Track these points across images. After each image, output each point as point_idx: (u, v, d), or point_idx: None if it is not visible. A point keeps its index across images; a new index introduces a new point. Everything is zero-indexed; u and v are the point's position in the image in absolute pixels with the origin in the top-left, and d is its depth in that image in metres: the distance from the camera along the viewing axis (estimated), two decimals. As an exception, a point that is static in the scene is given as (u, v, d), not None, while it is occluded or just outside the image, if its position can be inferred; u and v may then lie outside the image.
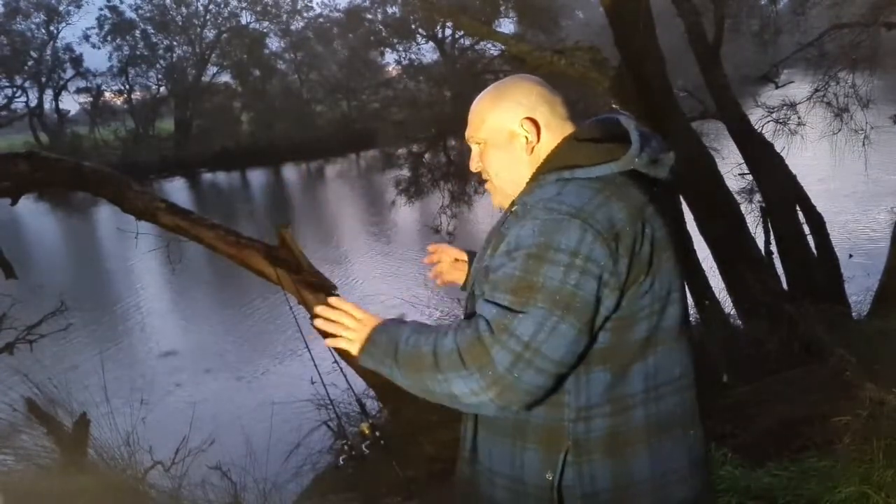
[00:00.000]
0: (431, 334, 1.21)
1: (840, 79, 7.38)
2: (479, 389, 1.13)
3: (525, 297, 1.13)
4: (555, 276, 1.12)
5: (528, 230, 1.17)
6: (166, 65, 29.87)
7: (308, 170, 27.60)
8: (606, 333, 1.17)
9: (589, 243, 1.13)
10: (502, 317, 1.14)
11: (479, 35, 7.80)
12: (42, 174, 4.26)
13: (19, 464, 3.66)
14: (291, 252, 4.20)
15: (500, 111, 1.33)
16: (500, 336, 1.13)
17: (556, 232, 1.14)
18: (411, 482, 3.30)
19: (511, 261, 1.17)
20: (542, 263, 1.13)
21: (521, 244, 1.17)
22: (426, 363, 1.18)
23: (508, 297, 1.15)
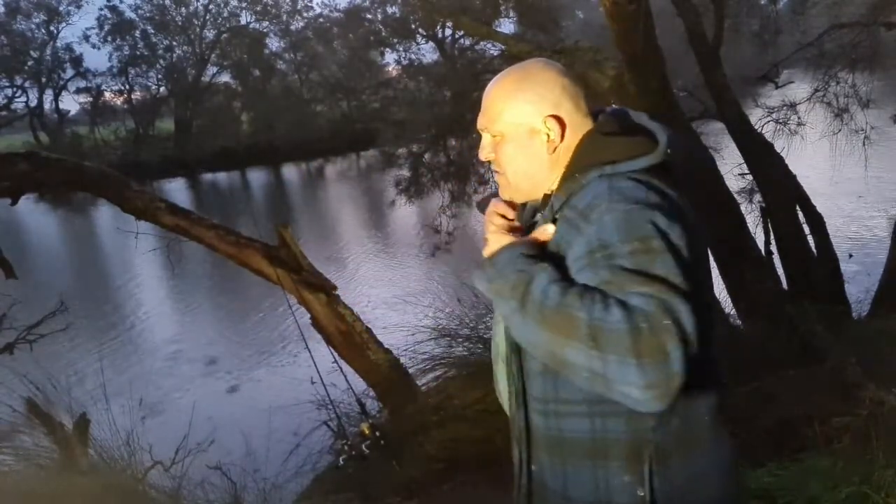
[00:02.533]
0: (580, 295, 1.04)
1: (840, 79, 7.38)
2: (655, 383, 0.99)
3: (664, 286, 1.02)
4: (668, 264, 1.03)
5: (608, 232, 1.07)
6: (166, 65, 29.86)
7: (308, 170, 27.59)
8: None
9: (667, 225, 1.06)
10: (663, 305, 1.01)
11: (479, 35, 7.80)
12: (42, 174, 4.26)
13: (19, 464, 3.67)
14: (291, 252, 4.21)
15: (520, 104, 1.22)
16: (671, 326, 1.00)
17: (637, 224, 1.06)
18: (411, 482, 3.31)
19: (612, 259, 1.05)
20: (650, 256, 1.04)
21: (609, 243, 1.06)
22: (576, 332, 1.02)
23: (635, 289, 1.03)
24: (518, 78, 1.26)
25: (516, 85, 1.24)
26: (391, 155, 10.04)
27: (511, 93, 1.24)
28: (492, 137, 1.26)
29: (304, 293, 4.20)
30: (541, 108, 1.21)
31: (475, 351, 4.55)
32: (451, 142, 8.60)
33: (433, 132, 8.46)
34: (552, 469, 1.18)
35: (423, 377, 4.52)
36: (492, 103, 1.26)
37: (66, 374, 6.34)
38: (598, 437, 1.13)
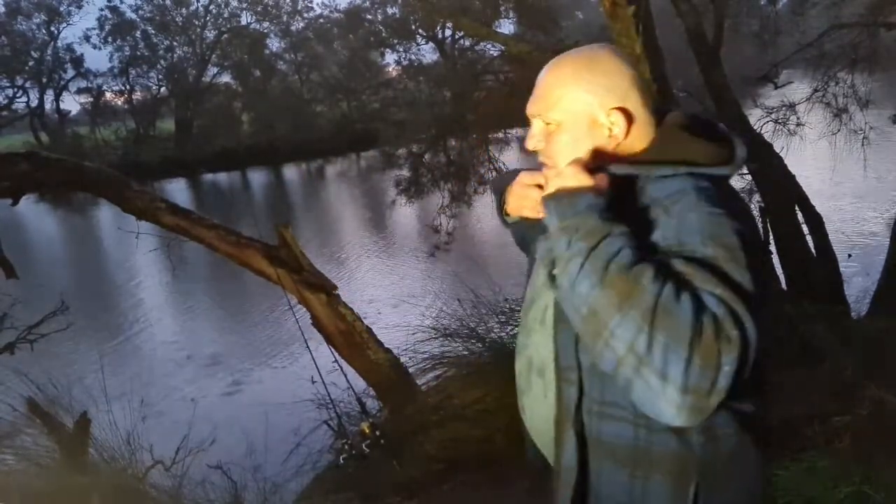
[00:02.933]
0: (656, 269, 0.95)
1: (839, 79, 7.39)
2: (695, 388, 0.90)
3: (738, 297, 0.95)
4: (747, 278, 0.96)
5: (690, 231, 0.99)
6: (167, 65, 29.88)
7: (308, 170, 27.60)
8: None
9: (751, 240, 1.01)
10: (733, 315, 0.94)
11: (479, 36, 7.81)
12: (43, 174, 4.27)
13: (20, 463, 3.67)
14: (291, 252, 4.21)
15: (583, 92, 1.10)
16: (736, 338, 0.92)
17: (723, 230, 0.99)
18: (411, 481, 3.31)
19: (691, 255, 0.98)
20: (732, 265, 0.96)
21: (690, 241, 0.99)
22: (636, 301, 0.93)
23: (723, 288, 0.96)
24: (583, 63, 1.12)
25: (581, 71, 1.11)
26: (391, 155, 10.06)
27: (574, 79, 1.11)
28: (544, 125, 1.14)
29: (305, 293, 4.21)
30: (606, 100, 1.10)
31: (475, 351, 4.55)
32: (451, 142, 8.60)
33: (433, 132, 8.46)
34: (595, 472, 1.11)
35: (423, 377, 4.53)
36: (550, 88, 1.13)
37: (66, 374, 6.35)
38: (641, 448, 1.06)
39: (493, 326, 4.82)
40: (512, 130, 11.94)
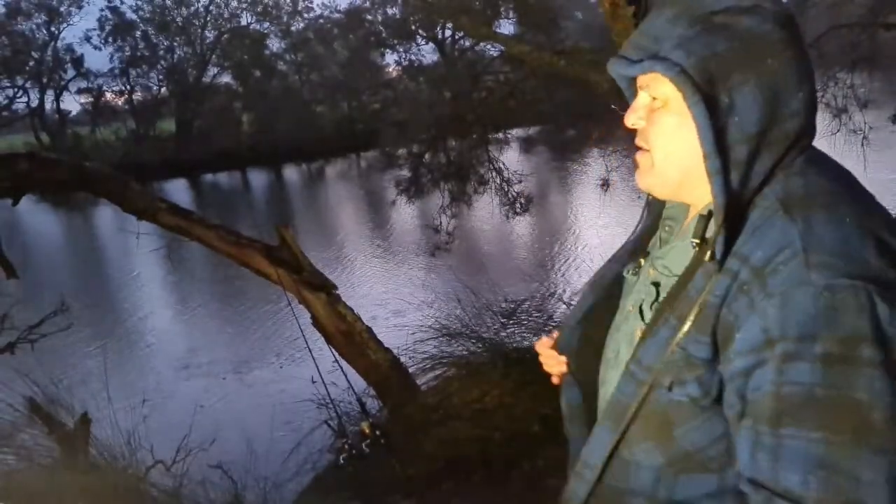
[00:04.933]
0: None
1: (839, 79, 7.40)
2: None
3: (855, 435, 0.71)
4: (881, 387, 0.71)
5: (798, 311, 0.75)
6: (167, 65, 29.89)
7: (309, 170, 27.61)
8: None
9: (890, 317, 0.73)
10: (835, 484, 0.71)
11: (479, 36, 7.82)
12: (43, 174, 4.28)
13: (20, 463, 3.68)
14: (292, 252, 4.22)
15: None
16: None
17: (848, 313, 0.73)
18: (411, 481, 3.32)
19: (791, 364, 0.74)
20: (854, 368, 0.72)
21: (794, 334, 0.74)
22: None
23: (824, 437, 0.72)
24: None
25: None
26: (391, 155, 10.07)
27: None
28: (650, 100, 0.91)
29: (305, 293, 4.22)
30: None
31: (475, 351, 4.57)
32: (451, 142, 8.62)
33: (433, 133, 8.47)
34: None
35: (422, 376, 4.54)
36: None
37: (67, 374, 6.36)
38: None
39: (493, 326, 4.83)
40: (512, 131, 11.94)
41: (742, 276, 0.80)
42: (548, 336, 1.22)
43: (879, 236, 0.78)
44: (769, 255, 0.79)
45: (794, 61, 0.83)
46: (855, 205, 0.82)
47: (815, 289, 0.74)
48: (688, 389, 0.85)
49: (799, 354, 0.74)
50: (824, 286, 0.74)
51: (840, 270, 0.74)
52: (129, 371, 8.07)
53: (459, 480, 3.44)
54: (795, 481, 0.73)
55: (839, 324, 0.73)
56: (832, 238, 0.77)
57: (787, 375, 0.74)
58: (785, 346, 0.75)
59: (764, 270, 0.78)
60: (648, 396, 0.88)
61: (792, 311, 0.74)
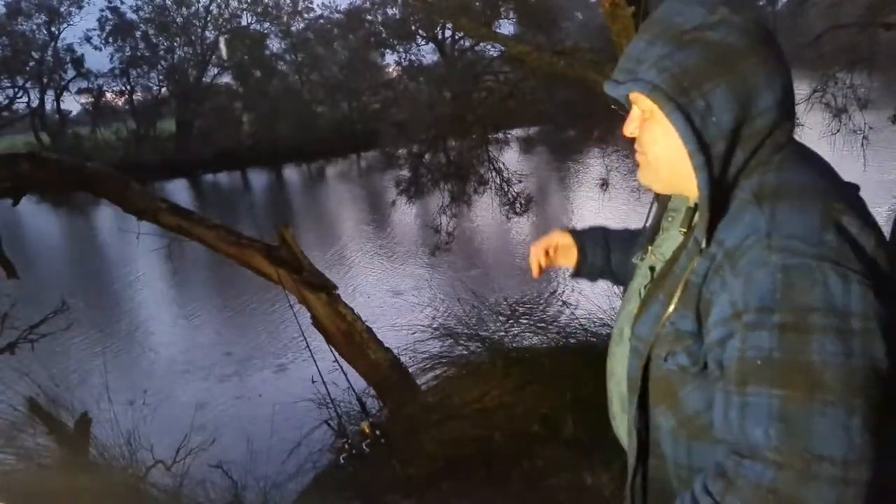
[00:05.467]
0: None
1: (838, 79, 7.40)
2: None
3: (807, 391, 0.82)
4: (835, 351, 0.82)
5: (758, 287, 0.86)
6: (167, 66, 29.90)
7: (309, 170, 27.62)
8: None
9: (857, 291, 0.84)
10: (791, 435, 0.82)
11: (479, 36, 7.82)
12: (43, 174, 4.28)
13: (21, 463, 3.68)
14: (292, 252, 4.22)
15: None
16: (804, 467, 0.81)
17: (801, 288, 0.84)
18: (411, 480, 3.32)
19: (754, 332, 0.86)
20: (806, 334, 0.83)
21: (755, 307, 0.86)
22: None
23: (780, 394, 0.83)
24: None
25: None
26: (391, 155, 10.08)
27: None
28: (640, 112, 1.04)
29: (305, 293, 4.22)
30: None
31: (475, 350, 4.57)
32: (451, 142, 8.62)
33: (433, 133, 8.48)
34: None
35: (422, 376, 4.54)
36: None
37: (67, 374, 6.37)
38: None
39: (493, 326, 4.83)
40: (512, 131, 11.94)
41: (717, 258, 0.93)
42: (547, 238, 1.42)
43: (839, 222, 0.88)
44: (739, 239, 0.90)
45: (761, 65, 0.94)
46: (821, 196, 0.91)
47: (774, 267, 0.86)
48: (678, 359, 0.97)
49: (759, 324, 0.85)
50: (781, 265, 0.85)
51: (796, 251, 0.85)
52: (130, 371, 8.08)
53: (459, 480, 3.44)
54: (759, 434, 0.84)
55: (793, 297, 0.84)
56: (793, 224, 0.88)
57: (749, 342, 0.86)
58: (748, 318, 0.87)
59: (734, 253, 0.90)
60: (650, 366, 1.01)
61: (754, 287, 0.86)
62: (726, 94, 0.93)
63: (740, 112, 0.94)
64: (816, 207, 0.89)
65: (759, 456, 0.84)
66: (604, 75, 4.60)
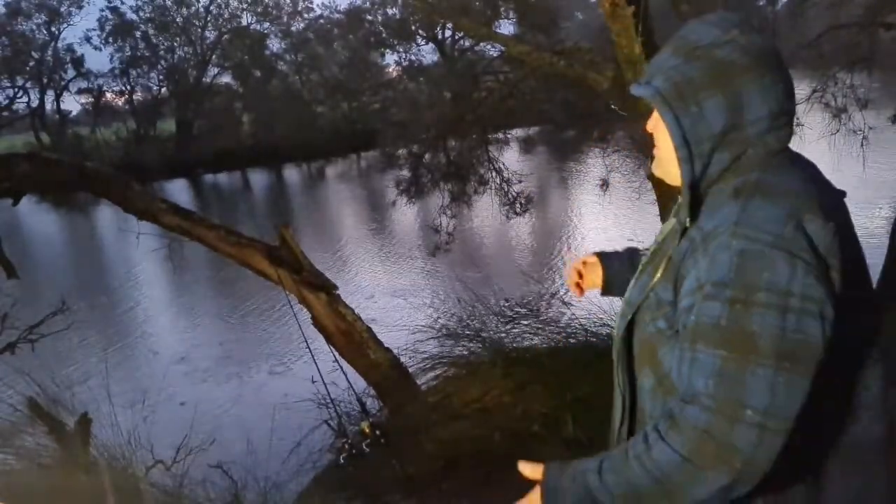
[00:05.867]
0: (630, 459, 1.04)
1: (838, 79, 7.40)
2: (730, 484, 0.99)
3: (743, 353, 0.98)
4: (771, 324, 0.98)
5: (718, 267, 1.02)
6: (167, 66, 29.90)
7: (309, 170, 27.62)
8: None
9: (801, 277, 0.98)
10: (725, 387, 0.99)
11: (479, 36, 7.83)
12: (43, 175, 4.28)
13: (21, 463, 3.68)
14: (292, 252, 4.22)
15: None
16: (733, 413, 0.98)
17: (752, 269, 1.00)
18: (411, 480, 3.32)
19: (707, 302, 1.02)
20: (750, 308, 0.99)
21: (712, 281, 1.02)
22: (655, 498, 1.03)
23: (719, 354, 1.00)
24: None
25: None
26: (391, 156, 10.07)
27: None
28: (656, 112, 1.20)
29: (305, 293, 4.22)
30: None
31: (475, 350, 4.57)
32: (451, 142, 8.62)
33: (433, 133, 8.48)
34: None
35: (422, 376, 4.54)
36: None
37: (67, 374, 6.37)
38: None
39: (493, 326, 4.83)
40: (512, 131, 11.94)
41: (696, 241, 1.09)
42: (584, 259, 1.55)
43: (801, 219, 1.02)
44: (714, 226, 1.06)
45: (757, 80, 1.08)
46: (791, 196, 1.05)
47: (733, 251, 1.01)
48: (658, 324, 1.14)
49: (714, 296, 1.02)
50: (740, 249, 1.01)
51: (754, 239, 1.00)
52: (130, 371, 8.08)
53: (459, 480, 3.45)
54: (700, 384, 1.02)
55: (744, 277, 1.00)
56: (759, 217, 1.02)
57: (703, 310, 1.03)
58: (706, 290, 1.03)
59: (708, 237, 1.06)
60: (637, 330, 1.19)
61: (715, 266, 1.03)
62: (719, 104, 1.08)
63: (730, 120, 1.08)
64: (783, 205, 1.03)
65: (699, 402, 1.01)
66: (604, 75, 4.61)
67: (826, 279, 0.99)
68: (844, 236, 1.05)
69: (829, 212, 1.04)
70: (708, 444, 0.99)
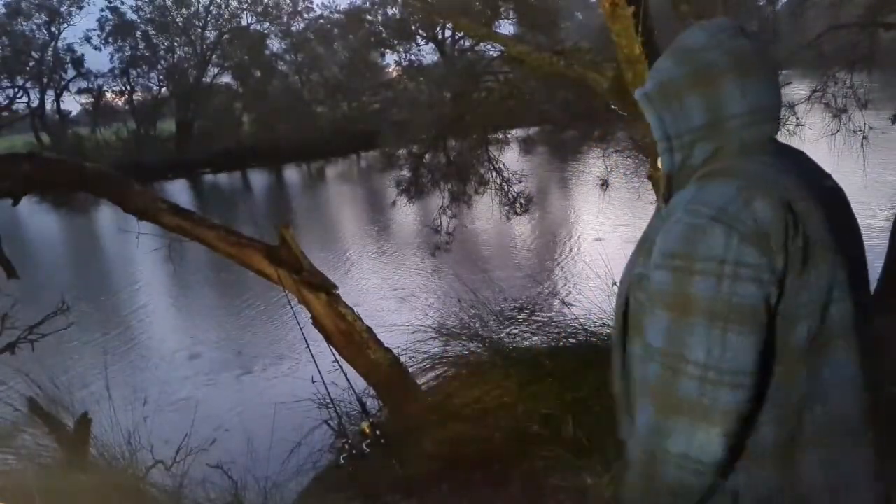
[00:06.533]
0: (642, 444, 1.18)
1: (838, 79, 7.39)
2: (690, 432, 1.11)
3: (684, 314, 1.12)
4: (707, 287, 1.10)
5: (670, 239, 1.16)
6: (167, 66, 29.91)
7: (309, 170, 27.61)
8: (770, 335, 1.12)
9: (736, 246, 1.10)
10: (672, 344, 1.13)
11: (479, 36, 7.82)
12: (44, 175, 4.28)
13: (21, 463, 3.68)
14: (292, 252, 4.22)
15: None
16: (677, 366, 1.12)
17: (695, 240, 1.12)
18: (411, 480, 3.32)
19: (658, 271, 1.16)
20: (690, 275, 1.11)
21: (663, 252, 1.16)
22: (651, 465, 1.16)
23: (667, 315, 1.14)
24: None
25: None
26: (391, 156, 10.06)
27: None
28: None
29: (305, 293, 4.22)
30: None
31: (475, 350, 4.57)
32: (451, 142, 8.62)
33: (433, 133, 8.47)
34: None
35: (423, 376, 4.54)
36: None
37: (67, 374, 6.36)
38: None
39: (493, 326, 4.83)
40: (512, 131, 11.93)
41: (664, 218, 1.21)
42: None
43: (749, 199, 1.12)
44: (676, 205, 1.19)
45: (738, 80, 1.20)
46: (745, 179, 1.15)
47: (682, 225, 1.14)
48: (639, 297, 1.25)
49: (664, 266, 1.15)
50: (686, 223, 1.13)
51: (699, 214, 1.12)
52: (130, 371, 8.08)
53: (459, 480, 3.45)
54: (657, 342, 1.16)
55: (688, 247, 1.12)
56: (709, 195, 1.14)
57: (656, 277, 1.17)
58: (658, 260, 1.17)
59: (668, 215, 1.19)
60: (627, 304, 1.29)
61: (668, 238, 1.16)
62: (700, 102, 1.22)
63: (711, 115, 1.21)
64: (734, 186, 1.14)
65: (655, 359, 1.16)
66: (604, 75, 4.61)
67: (766, 249, 1.09)
68: (836, 226, 1.16)
69: (801, 198, 1.13)
70: (663, 396, 1.13)
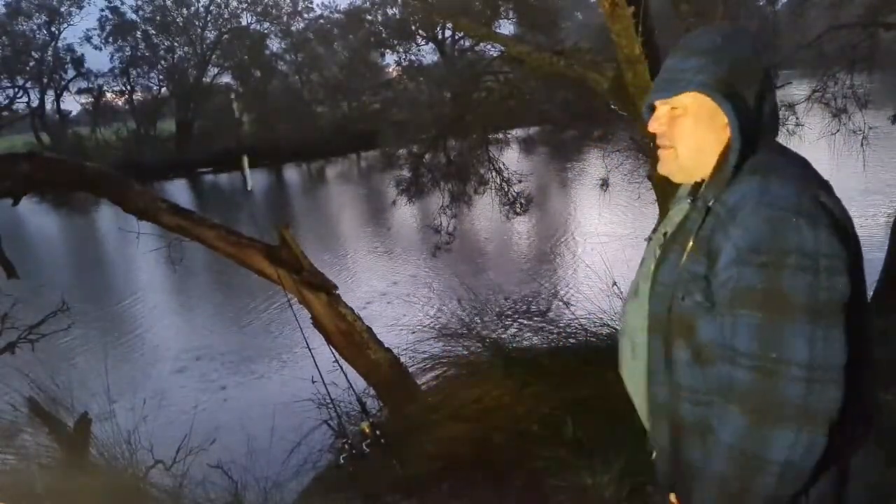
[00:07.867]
0: (730, 454, 1.12)
1: (838, 79, 7.39)
2: (795, 438, 1.07)
3: (777, 312, 1.08)
4: (804, 283, 1.07)
5: (750, 233, 1.11)
6: (167, 66, 29.91)
7: (309, 170, 27.61)
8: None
9: (825, 238, 1.09)
10: (767, 347, 1.08)
11: (479, 36, 7.82)
12: (44, 175, 4.28)
13: (21, 463, 3.68)
14: (292, 252, 4.22)
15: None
16: (776, 370, 1.07)
17: (780, 234, 1.09)
18: (411, 480, 3.32)
19: (741, 268, 1.11)
20: (781, 271, 1.08)
21: (746, 248, 1.11)
22: (742, 476, 1.11)
23: (758, 315, 1.09)
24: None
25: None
26: (391, 155, 10.07)
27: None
28: (671, 109, 1.27)
29: (305, 293, 4.22)
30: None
31: (475, 350, 4.56)
32: (451, 142, 8.62)
33: (433, 133, 8.47)
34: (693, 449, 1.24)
35: (423, 376, 4.53)
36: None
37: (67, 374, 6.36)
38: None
39: (493, 326, 4.83)
40: (512, 131, 11.92)
41: (721, 215, 1.17)
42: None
43: (811, 191, 1.14)
44: (738, 200, 1.15)
45: (765, 74, 1.23)
46: (799, 173, 1.19)
47: (761, 219, 1.11)
48: (695, 297, 1.19)
49: (747, 262, 1.10)
50: (767, 217, 1.10)
51: (779, 207, 1.10)
52: (130, 371, 8.07)
53: (459, 480, 3.44)
54: (744, 346, 1.10)
55: (774, 241, 1.09)
56: (778, 189, 1.13)
57: (740, 276, 1.11)
58: (741, 257, 1.11)
59: (734, 209, 1.15)
60: (672, 306, 1.23)
61: (747, 233, 1.11)
62: (754, 96, 1.22)
63: (758, 109, 1.22)
64: (797, 181, 1.15)
65: (744, 365, 1.10)
66: (604, 75, 4.60)
67: (845, 238, 1.10)
68: (846, 215, 1.18)
69: (833, 193, 1.18)
70: (758, 402, 1.07)
